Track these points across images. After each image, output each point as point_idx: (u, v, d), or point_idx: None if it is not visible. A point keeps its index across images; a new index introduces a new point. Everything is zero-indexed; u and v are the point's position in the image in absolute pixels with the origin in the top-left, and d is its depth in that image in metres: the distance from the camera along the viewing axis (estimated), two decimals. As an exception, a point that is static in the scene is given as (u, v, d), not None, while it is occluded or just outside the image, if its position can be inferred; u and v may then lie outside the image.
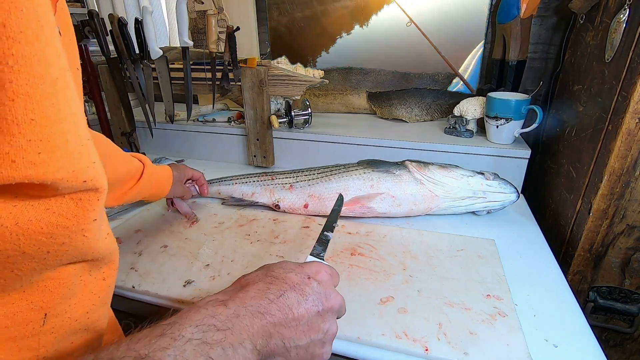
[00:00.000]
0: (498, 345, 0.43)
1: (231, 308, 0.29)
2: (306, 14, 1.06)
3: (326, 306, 0.33)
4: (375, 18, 1.01)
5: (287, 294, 0.32)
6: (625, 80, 0.55)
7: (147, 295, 0.54)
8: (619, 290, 0.64)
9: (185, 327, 0.26)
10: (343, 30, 1.04)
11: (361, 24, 1.02)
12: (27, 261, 0.23)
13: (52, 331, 0.28)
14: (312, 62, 1.11)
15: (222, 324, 0.27)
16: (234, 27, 0.87)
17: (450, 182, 0.69)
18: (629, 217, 0.58)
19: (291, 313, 0.31)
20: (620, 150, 0.55)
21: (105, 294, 0.32)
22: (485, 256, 0.60)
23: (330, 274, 0.36)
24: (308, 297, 0.32)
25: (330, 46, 1.07)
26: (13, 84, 0.18)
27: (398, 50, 1.02)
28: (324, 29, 1.06)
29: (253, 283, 0.33)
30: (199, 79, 0.97)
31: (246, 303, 0.30)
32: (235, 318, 0.28)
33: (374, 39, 1.03)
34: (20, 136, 0.19)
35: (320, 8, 1.04)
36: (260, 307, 0.30)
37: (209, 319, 0.28)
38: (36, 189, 0.21)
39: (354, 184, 0.72)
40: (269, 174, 0.80)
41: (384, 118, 1.05)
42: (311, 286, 0.33)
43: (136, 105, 1.14)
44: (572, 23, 0.84)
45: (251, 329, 0.28)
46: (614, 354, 0.69)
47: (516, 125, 0.80)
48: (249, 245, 0.64)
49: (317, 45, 1.09)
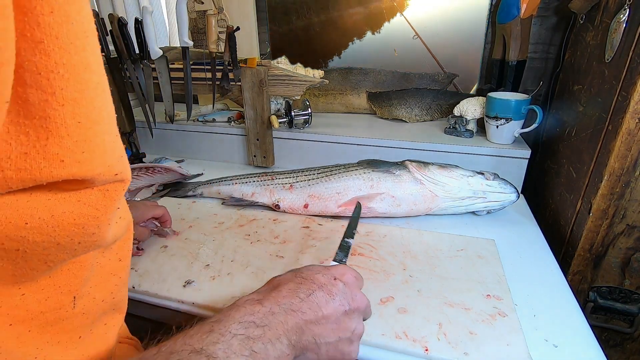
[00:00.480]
0: (498, 345, 0.43)
1: (267, 306, 0.32)
2: (321, 19, 1.09)
3: (352, 306, 0.35)
4: (387, 25, 1.03)
5: (316, 293, 0.34)
6: (625, 80, 0.55)
7: (147, 295, 0.54)
8: (619, 290, 0.64)
9: (230, 323, 0.29)
10: (355, 36, 1.07)
11: (373, 31, 1.05)
12: (60, 252, 0.24)
13: (83, 312, 0.29)
14: (324, 65, 1.13)
15: (260, 321, 0.30)
16: (234, 27, 0.87)
17: (450, 182, 0.69)
18: (629, 217, 0.58)
19: (320, 311, 0.33)
20: (620, 150, 0.55)
21: (124, 273, 0.34)
22: (485, 256, 0.60)
23: (355, 277, 0.38)
24: (335, 296, 0.34)
25: (342, 50, 1.10)
26: (63, 90, 0.20)
27: (406, 56, 1.05)
28: (338, 33, 1.09)
29: (284, 283, 0.35)
30: (199, 79, 0.97)
31: (279, 301, 0.32)
32: (270, 315, 0.31)
33: (385, 45, 1.06)
34: (68, 138, 0.20)
35: (335, 14, 1.07)
36: (292, 305, 0.32)
37: (248, 316, 0.30)
38: (73, 184, 0.23)
39: (354, 184, 0.72)
40: (269, 174, 0.80)
41: (384, 118, 1.05)
42: (337, 287, 0.35)
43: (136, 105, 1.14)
44: (572, 23, 0.84)
45: (285, 326, 0.31)
46: (614, 354, 0.69)
47: (516, 125, 0.80)
48: (249, 245, 0.64)
49: (329, 49, 1.12)
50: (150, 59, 0.92)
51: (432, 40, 1.01)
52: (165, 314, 0.54)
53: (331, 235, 0.67)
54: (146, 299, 0.54)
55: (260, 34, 1.15)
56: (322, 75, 0.94)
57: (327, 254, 0.61)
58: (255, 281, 0.55)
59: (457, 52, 1.00)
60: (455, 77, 1.02)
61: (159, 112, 1.04)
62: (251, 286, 0.53)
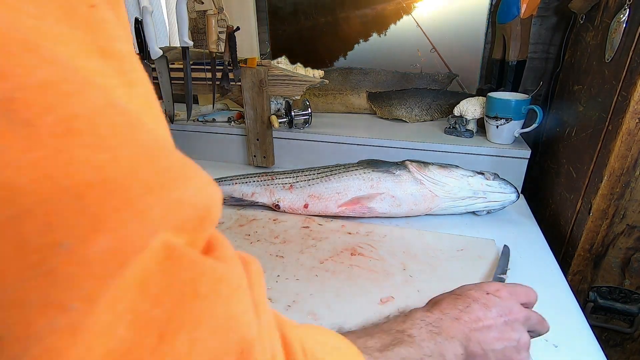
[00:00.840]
0: (498, 345, 0.43)
1: (435, 314, 0.36)
2: (328, 20, 1.09)
3: (511, 317, 0.37)
4: (393, 27, 1.03)
5: (472, 306, 0.37)
6: (626, 80, 0.55)
7: (147, 295, 0.54)
8: (619, 290, 0.64)
9: (415, 320, 0.35)
10: (360, 37, 1.08)
11: (379, 33, 1.05)
12: None
13: None
14: (329, 64, 1.13)
15: (433, 325, 0.35)
16: (234, 27, 0.87)
17: (451, 182, 0.69)
18: (629, 217, 0.58)
19: (480, 322, 0.36)
20: (620, 150, 0.55)
21: None
22: (485, 256, 0.60)
23: (510, 292, 0.40)
24: (491, 308, 0.37)
25: (348, 51, 1.11)
26: None
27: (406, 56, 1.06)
28: (344, 34, 1.09)
29: (442, 299, 0.39)
30: (199, 79, 0.97)
31: (443, 311, 0.36)
32: (439, 321, 0.35)
33: (390, 47, 1.06)
34: None
35: (341, 15, 1.07)
36: (454, 314, 0.36)
37: (425, 318, 0.35)
38: None
39: (354, 184, 0.72)
40: (269, 174, 0.80)
41: (384, 118, 1.05)
42: (491, 300, 0.38)
43: (136, 105, 1.14)
44: (572, 23, 0.84)
45: (454, 330, 0.35)
46: (614, 354, 0.69)
47: (516, 125, 0.80)
48: (249, 245, 0.64)
49: (335, 49, 1.12)
50: (150, 59, 0.92)
51: (432, 40, 1.01)
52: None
53: (331, 235, 0.67)
54: (146, 299, 0.54)
55: (260, 34, 1.15)
56: (322, 75, 0.94)
57: (327, 254, 0.61)
58: (255, 281, 0.55)
59: (457, 52, 1.00)
60: (455, 77, 1.02)
61: (159, 112, 1.03)
62: (251, 286, 0.53)
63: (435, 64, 1.03)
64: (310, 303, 0.50)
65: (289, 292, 0.52)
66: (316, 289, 0.53)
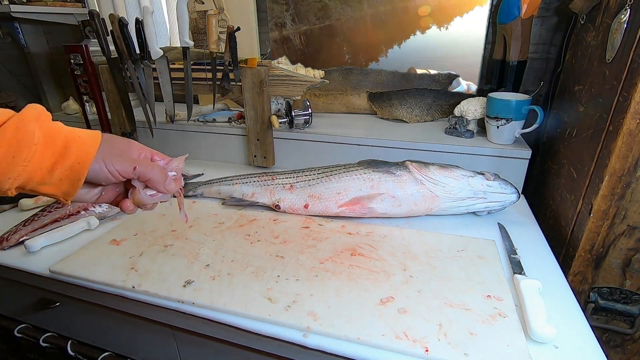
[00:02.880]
0: (498, 345, 0.43)
1: None
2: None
3: None
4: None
5: None
6: (626, 80, 0.55)
7: (147, 295, 0.54)
8: (620, 291, 0.64)
9: None
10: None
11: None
12: None
13: None
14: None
15: None
16: (234, 27, 0.87)
17: (451, 183, 0.69)
18: (629, 217, 0.58)
19: None
20: (621, 150, 0.55)
21: None
22: (485, 257, 0.60)
23: None
24: None
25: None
26: None
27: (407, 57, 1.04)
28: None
29: None
30: (199, 79, 0.97)
31: None
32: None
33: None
34: None
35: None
36: None
37: None
38: None
39: (354, 184, 0.71)
40: (269, 174, 0.80)
41: (385, 118, 1.05)
42: None
43: (137, 105, 1.14)
44: (573, 23, 0.84)
45: None
46: (615, 355, 0.68)
47: (517, 125, 0.80)
48: (249, 246, 0.64)
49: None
50: (150, 59, 0.92)
51: (433, 40, 1.00)
52: (165, 314, 0.54)
53: (331, 235, 0.67)
54: (146, 299, 0.54)
55: (261, 34, 1.15)
56: (323, 76, 0.94)
57: (327, 254, 0.61)
58: (256, 281, 0.55)
59: (457, 52, 1.00)
60: (455, 77, 1.02)
61: (159, 112, 1.04)
62: (251, 286, 0.53)
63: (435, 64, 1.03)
64: (310, 303, 0.50)
65: (289, 292, 0.52)
66: (316, 289, 0.53)
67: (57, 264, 0.60)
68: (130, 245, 0.65)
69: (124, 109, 1.04)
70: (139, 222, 0.72)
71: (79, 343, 0.69)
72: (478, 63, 0.99)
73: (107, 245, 0.65)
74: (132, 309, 0.58)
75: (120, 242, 0.65)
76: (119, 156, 0.38)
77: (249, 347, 0.53)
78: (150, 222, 0.72)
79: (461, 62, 1.00)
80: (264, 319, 0.48)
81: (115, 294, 0.55)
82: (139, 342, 0.65)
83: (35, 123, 0.34)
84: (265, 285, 0.54)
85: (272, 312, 0.49)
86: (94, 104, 1.02)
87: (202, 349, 0.59)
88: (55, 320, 0.71)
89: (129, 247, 0.64)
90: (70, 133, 0.36)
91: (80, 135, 0.36)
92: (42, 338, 0.69)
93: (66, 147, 0.34)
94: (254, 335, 0.49)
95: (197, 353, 0.61)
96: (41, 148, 0.33)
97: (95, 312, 0.63)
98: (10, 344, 0.78)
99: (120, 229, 0.70)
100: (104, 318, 0.64)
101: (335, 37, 1.09)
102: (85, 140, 0.36)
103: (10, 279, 0.66)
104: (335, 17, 1.07)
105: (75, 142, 0.35)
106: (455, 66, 1.01)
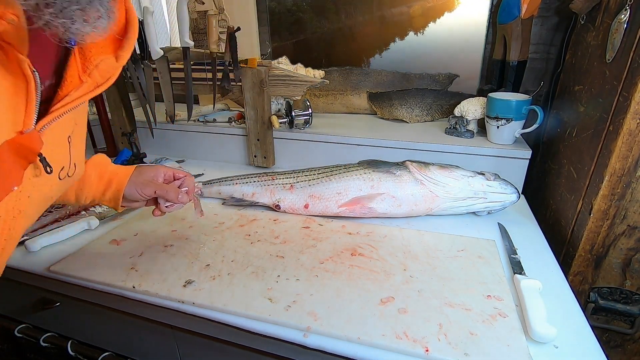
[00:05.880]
0: (498, 345, 0.43)
1: None
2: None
3: None
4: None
5: None
6: (626, 80, 0.55)
7: (147, 295, 0.54)
8: (620, 291, 0.64)
9: None
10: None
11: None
12: None
13: None
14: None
15: None
16: (234, 28, 0.87)
17: (451, 183, 0.69)
18: (629, 217, 0.58)
19: None
20: (621, 150, 0.55)
21: None
22: (485, 257, 0.60)
23: None
24: None
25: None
26: None
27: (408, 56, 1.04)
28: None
29: None
30: (199, 79, 0.97)
31: None
32: None
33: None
34: None
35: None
36: None
37: None
38: None
39: (355, 184, 0.71)
40: (269, 174, 0.80)
41: (385, 118, 1.05)
42: None
43: (137, 105, 1.14)
44: (573, 23, 0.84)
45: None
46: (615, 355, 0.68)
47: (517, 125, 0.80)
48: (249, 246, 0.64)
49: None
50: (151, 59, 0.92)
51: (433, 40, 1.00)
52: (166, 314, 0.54)
53: (332, 235, 0.67)
54: (146, 299, 0.54)
55: (261, 34, 1.15)
56: (323, 76, 0.94)
57: (328, 254, 0.61)
58: (256, 281, 0.55)
59: (457, 53, 1.00)
60: (455, 78, 1.02)
61: (159, 112, 1.04)
62: (251, 286, 0.53)
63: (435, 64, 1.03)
64: (310, 303, 0.50)
65: (289, 292, 0.52)
66: (316, 289, 0.53)
67: (57, 263, 0.60)
68: (131, 245, 0.65)
69: (124, 109, 1.04)
70: (139, 223, 0.72)
71: (79, 343, 0.69)
72: (478, 63, 0.99)
73: (107, 245, 0.65)
74: (132, 309, 0.58)
75: (120, 242, 0.66)
76: (145, 184, 0.56)
77: (249, 347, 0.53)
78: (150, 222, 0.72)
79: (461, 62, 1.00)
80: (264, 319, 0.48)
81: (116, 294, 0.55)
82: (139, 342, 0.65)
83: (93, 170, 0.56)
84: (265, 285, 0.54)
85: (272, 312, 0.49)
86: (94, 104, 1.03)
87: (202, 349, 0.59)
88: (55, 320, 0.71)
89: (129, 247, 0.64)
90: (114, 171, 0.57)
91: (118, 173, 0.57)
92: (42, 338, 0.69)
93: (110, 181, 0.56)
94: (254, 335, 0.49)
95: (197, 353, 0.61)
96: (95, 182, 0.56)
97: (96, 312, 0.63)
98: (10, 344, 0.78)
99: (120, 229, 0.70)
100: (104, 318, 0.64)
101: (335, 38, 1.09)
102: (122, 177, 0.56)
103: (10, 279, 0.66)
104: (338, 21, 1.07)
105: (115, 177, 0.56)
106: (455, 66, 1.01)
